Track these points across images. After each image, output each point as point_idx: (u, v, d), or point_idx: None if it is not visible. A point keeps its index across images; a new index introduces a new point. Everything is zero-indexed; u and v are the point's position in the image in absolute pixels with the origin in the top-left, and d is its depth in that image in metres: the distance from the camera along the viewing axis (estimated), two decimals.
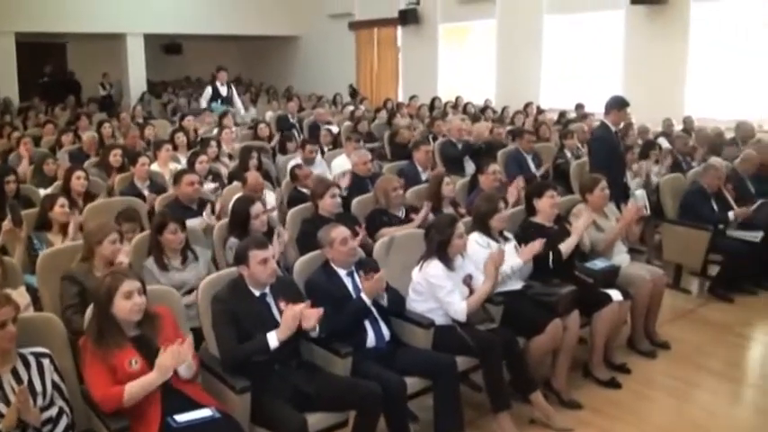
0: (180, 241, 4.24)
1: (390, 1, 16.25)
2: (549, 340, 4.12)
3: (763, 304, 6.09)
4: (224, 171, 7.08)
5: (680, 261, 6.33)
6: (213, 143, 7.66)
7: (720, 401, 4.48)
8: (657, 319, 5.16)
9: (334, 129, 10.19)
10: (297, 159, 7.18)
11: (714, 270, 6.35)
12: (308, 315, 3.31)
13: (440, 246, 4.02)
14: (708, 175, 6.34)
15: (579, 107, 11.99)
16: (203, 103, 11.60)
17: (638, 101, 9.60)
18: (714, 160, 6.79)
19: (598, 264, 4.67)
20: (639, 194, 6.54)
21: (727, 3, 11.15)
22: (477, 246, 4.32)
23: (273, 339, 3.28)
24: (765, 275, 6.39)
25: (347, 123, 10.51)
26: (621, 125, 6.91)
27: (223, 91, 11.40)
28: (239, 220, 4.53)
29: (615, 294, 4.48)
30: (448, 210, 5.37)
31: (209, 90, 11.62)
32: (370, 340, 3.78)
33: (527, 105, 12.43)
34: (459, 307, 3.93)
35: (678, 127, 10.19)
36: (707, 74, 11.46)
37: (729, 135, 9.13)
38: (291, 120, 11.09)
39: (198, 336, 3.51)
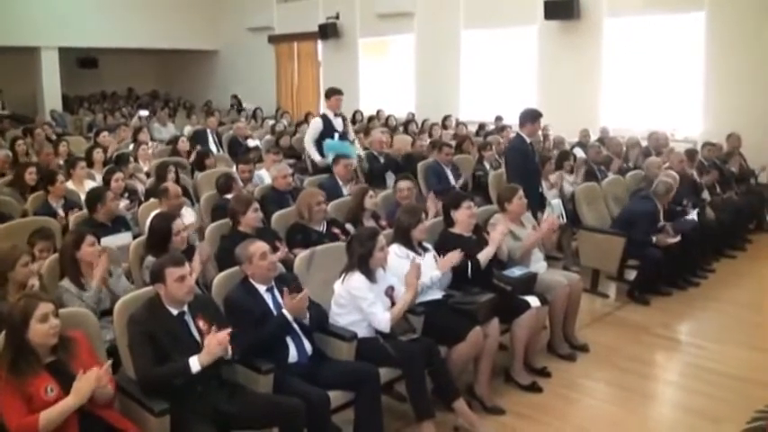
0: (97, 255, 4.12)
1: (310, 15, 16.27)
2: (470, 348, 4.18)
3: (678, 305, 6.34)
4: (140, 188, 6.93)
5: (597, 266, 6.54)
6: (130, 159, 7.49)
7: (639, 400, 4.62)
8: (576, 323, 5.32)
9: (252, 143, 10.07)
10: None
11: (630, 274, 6.59)
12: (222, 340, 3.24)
13: (361, 258, 4.03)
14: (658, 190, 6.54)
15: (498, 119, 12.27)
16: (310, 145, 7.87)
17: (554, 113, 9.96)
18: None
19: (516, 271, 4.77)
20: (555, 204, 6.73)
21: (638, 19, 11.59)
22: (396, 258, 4.37)
23: (195, 364, 3.20)
24: (680, 277, 6.70)
25: (268, 137, 10.42)
26: (537, 136, 7.11)
27: (338, 124, 7.86)
28: (159, 238, 4.43)
29: (533, 301, 4.60)
30: (369, 223, 5.41)
31: (317, 124, 7.90)
32: (292, 356, 3.74)
33: (446, 118, 12.66)
34: (382, 318, 3.94)
35: (594, 137, 10.54)
36: (621, 86, 11.88)
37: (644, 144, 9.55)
38: (211, 135, 10.90)
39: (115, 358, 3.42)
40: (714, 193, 8.25)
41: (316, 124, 7.93)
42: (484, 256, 4.61)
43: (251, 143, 10.05)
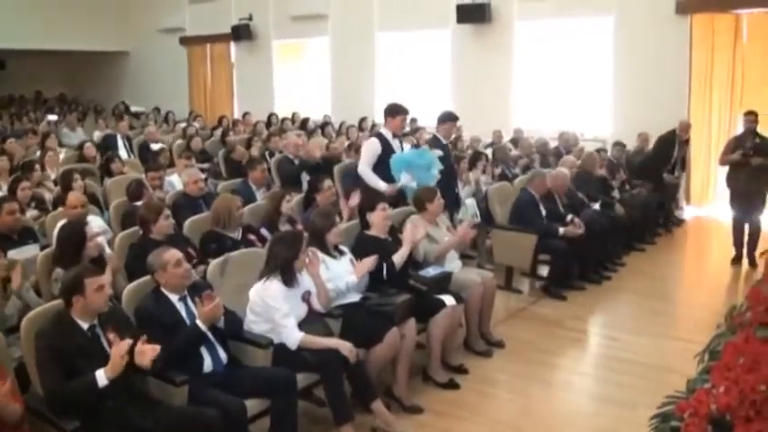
0: (3, 268, 3.96)
1: (222, 17, 16.01)
2: (387, 349, 4.20)
3: (591, 298, 6.58)
4: (48, 197, 6.67)
5: (510, 263, 6.71)
6: (37, 167, 7.19)
7: (553, 392, 4.77)
8: (491, 320, 5.43)
9: (155, 147, 9.82)
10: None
11: (543, 270, 6.79)
12: (143, 351, 3.17)
13: (286, 262, 4.00)
14: (534, 182, 6.78)
15: (413, 121, 12.37)
16: (368, 173, 6.12)
17: (468, 114, 10.12)
18: (552, 169, 7.28)
19: (431, 271, 4.83)
20: (470, 203, 6.87)
21: (548, 22, 11.91)
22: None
23: (102, 378, 3.10)
24: (593, 272, 6.97)
25: (179, 141, 10.21)
26: (452, 137, 7.25)
27: (396, 145, 6.30)
28: (70, 247, 4.27)
29: (448, 299, 4.67)
30: (285, 227, 5.36)
31: (375, 146, 6.19)
32: (207, 365, 3.68)
33: (362, 120, 12.70)
34: (293, 336, 3.89)
35: (507, 138, 10.79)
36: (532, 88, 12.18)
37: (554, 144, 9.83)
38: (121, 140, 10.59)
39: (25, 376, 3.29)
40: (624, 190, 8.59)
41: (372, 146, 6.26)
42: (399, 257, 4.66)
43: (155, 147, 9.77)
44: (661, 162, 9.01)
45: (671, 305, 6.58)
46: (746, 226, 7.40)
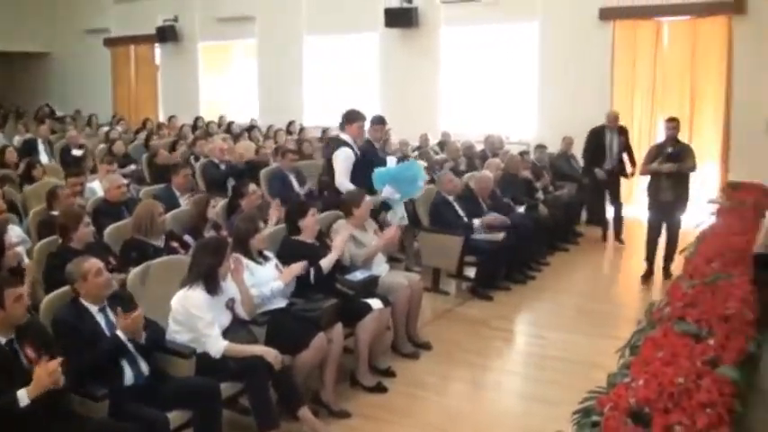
0: None
1: (147, 17, 15.63)
2: (314, 354, 4.20)
3: (517, 298, 6.73)
4: None
5: (437, 265, 6.79)
6: None
7: (481, 392, 4.87)
8: (418, 322, 5.48)
9: (77, 152, 9.54)
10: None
11: (470, 272, 6.88)
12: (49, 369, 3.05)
13: (209, 270, 3.94)
14: (441, 183, 6.91)
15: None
16: (348, 186, 5.78)
17: (396, 117, 10.17)
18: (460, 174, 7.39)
19: (358, 275, 4.86)
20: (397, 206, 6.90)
21: (474, 28, 12.08)
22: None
23: (24, 398, 3.00)
24: (518, 272, 7.14)
25: (102, 146, 9.94)
26: (381, 140, 7.29)
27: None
28: None
29: (375, 303, 4.69)
30: (210, 233, 5.28)
31: (348, 155, 5.97)
32: (128, 378, 3.59)
33: (290, 124, 12.64)
34: (217, 345, 3.83)
35: (434, 141, 10.90)
36: (459, 92, 12.33)
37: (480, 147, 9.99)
38: (42, 144, 10.24)
39: None
40: (547, 191, 8.80)
41: (345, 155, 5.98)
42: (327, 262, 4.67)
43: (76, 152, 9.50)
44: (594, 155, 8.87)
45: (594, 303, 6.77)
46: (665, 235, 7.28)
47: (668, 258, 7.21)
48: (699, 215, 7.46)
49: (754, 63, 9.74)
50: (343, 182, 5.87)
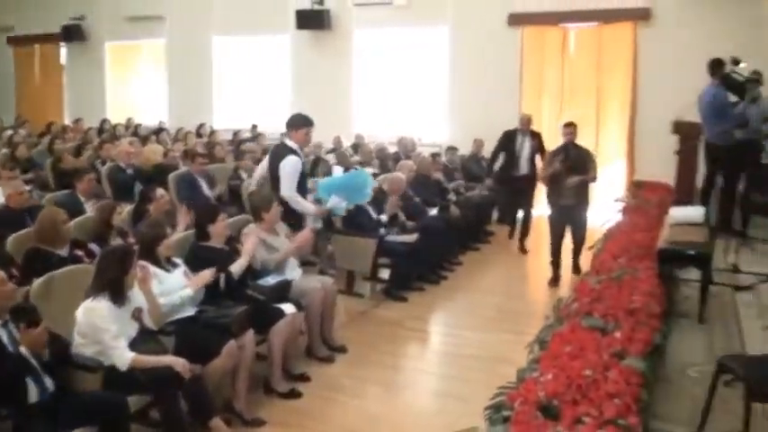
0: None
1: (53, 15, 15.02)
2: (226, 362, 4.09)
3: (431, 298, 6.79)
4: None
5: (351, 268, 6.77)
6: None
7: (397, 392, 4.85)
8: (333, 325, 5.43)
9: None
10: None
11: (385, 273, 6.89)
12: None
13: (115, 279, 3.79)
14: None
15: (254, 127, 12.26)
16: (295, 197, 5.71)
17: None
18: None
19: (270, 280, 4.80)
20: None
21: (386, 31, 12.16)
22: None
23: None
24: (432, 272, 7.20)
25: (4, 150, 9.48)
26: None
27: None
28: None
29: (288, 308, 4.64)
30: (116, 241, 5.09)
31: (296, 164, 5.70)
32: (33, 395, 3.39)
33: (200, 126, 12.39)
34: (124, 357, 3.68)
35: (348, 144, 10.89)
36: (372, 95, 12.40)
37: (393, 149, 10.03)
38: None
39: None
40: (459, 192, 8.91)
41: (293, 165, 5.69)
42: (237, 267, 4.59)
43: None
44: (505, 159, 8.75)
45: (505, 300, 6.89)
46: (570, 236, 7.31)
47: (576, 255, 7.36)
48: (606, 213, 7.73)
49: (658, 67, 10.17)
50: (291, 195, 5.61)
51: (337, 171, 6.41)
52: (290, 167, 5.61)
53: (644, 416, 3.14)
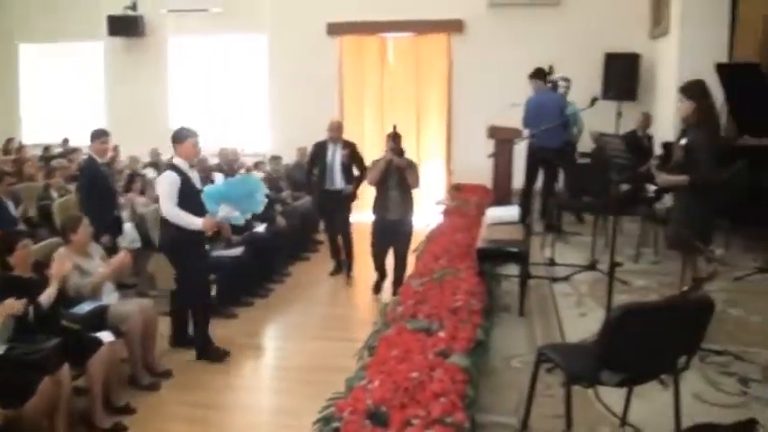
0: None
1: None
2: (43, 401, 3.79)
3: (261, 312, 6.66)
4: None
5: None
6: None
7: (228, 414, 4.67)
8: (155, 350, 5.17)
9: None
10: None
11: (213, 290, 6.63)
12: None
13: None
14: None
15: (66, 141, 11.52)
16: (176, 212, 5.27)
17: (125, 132, 9.66)
18: None
19: (85, 307, 4.55)
20: (128, 228, 6.53)
21: (203, 39, 11.89)
22: None
23: None
24: (259, 286, 7.09)
25: None
26: (108, 156, 6.84)
27: (194, 176, 5.57)
28: None
29: (106, 336, 4.38)
30: None
31: (172, 179, 5.30)
32: None
33: (8, 141, 11.48)
34: None
35: (166, 156, 10.46)
36: (191, 104, 12.01)
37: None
38: None
39: None
40: (285, 202, 8.84)
41: (168, 180, 5.31)
42: (46, 297, 4.25)
43: None
44: (320, 172, 8.27)
45: (336, 308, 6.94)
46: (392, 256, 7.03)
47: (397, 282, 6.76)
48: (428, 216, 7.97)
49: (472, 76, 10.75)
50: (171, 210, 5.21)
51: (218, 178, 5.99)
52: (165, 184, 5.29)
53: (470, 411, 3.25)
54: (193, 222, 5.23)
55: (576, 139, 8.95)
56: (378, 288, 7.21)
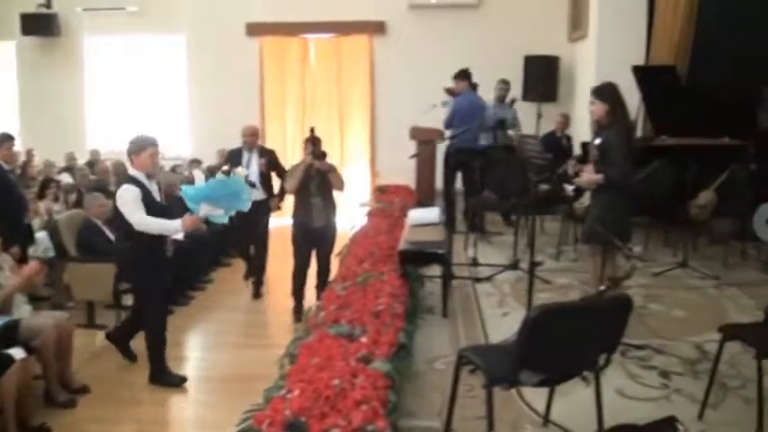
0: None
1: None
2: None
3: (181, 320, 6.44)
4: None
5: (91, 298, 6.21)
6: None
7: (154, 429, 4.54)
8: (72, 364, 4.95)
9: None
10: None
11: (130, 300, 6.42)
12: None
13: None
14: (89, 207, 6.51)
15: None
16: (146, 220, 4.88)
17: (39, 136, 9.32)
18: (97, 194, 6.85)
19: None
20: (41, 237, 6.28)
21: (120, 39, 11.56)
22: None
23: None
24: (180, 293, 6.89)
25: None
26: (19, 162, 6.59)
27: (153, 188, 5.09)
28: None
29: (17, 353, 4.16)
30: None
31: (132, 192, 4.86)
32: None
33: None
34: None
35: (82, 161, 10.17)
36: (108, 107, 11.71)
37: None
38: None
39: None
40: None
41: (129, 193, 4.90)
42: None
43: None
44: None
45: (259, 314, 6.84)
46: (315, 264, 6.49)
47: (321, 287, 6.28)
48: (352, 219, 7.96)
49: (394, 77, 10.82)
50: (141, 219, 4.82)
51: (199, 178, 5.66)
52: (127, 198, 4.87)
53: (392, 417, 3.24)
54: (168, 227, 4.95)
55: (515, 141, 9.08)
56: (298, 315, 6.31)
